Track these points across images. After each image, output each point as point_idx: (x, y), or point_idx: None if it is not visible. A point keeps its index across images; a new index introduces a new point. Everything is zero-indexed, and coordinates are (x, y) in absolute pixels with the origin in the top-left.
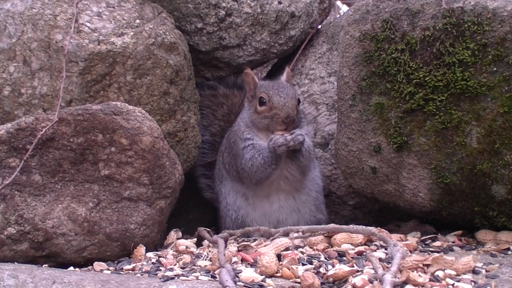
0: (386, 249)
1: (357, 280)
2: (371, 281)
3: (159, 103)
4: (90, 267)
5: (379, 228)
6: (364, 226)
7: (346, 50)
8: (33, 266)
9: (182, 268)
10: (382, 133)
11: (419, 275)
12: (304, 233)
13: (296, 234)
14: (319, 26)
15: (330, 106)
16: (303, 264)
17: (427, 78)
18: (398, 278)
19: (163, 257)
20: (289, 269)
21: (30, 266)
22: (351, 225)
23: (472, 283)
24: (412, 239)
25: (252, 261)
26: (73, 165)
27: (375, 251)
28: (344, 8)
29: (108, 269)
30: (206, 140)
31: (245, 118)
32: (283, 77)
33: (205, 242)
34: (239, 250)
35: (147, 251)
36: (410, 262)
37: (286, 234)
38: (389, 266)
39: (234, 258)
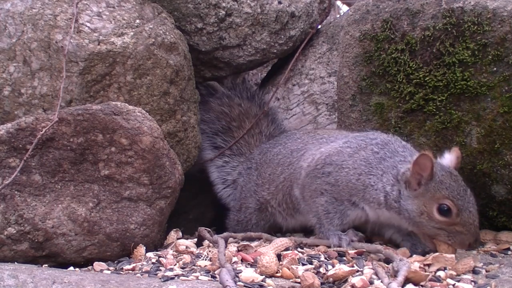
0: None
1: (356, 280)
2: (371, 282)
3: (159, 103)
4: (90, 267)
5: (384, 245)
6: (369, 244)
7: (346, 50)
8: (33, 266)
9: (182, 268)
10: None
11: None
12: (309, 246)
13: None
14: (319, 26)
15: (330, 106)
16: (303, 264)
17: (427, 78)
18: None
19: (163, 257)
20: (289, 269)
21: (30, 266)
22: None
23: (472, 283)
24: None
25: (252, 261)
26: (73, 165)
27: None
28: (344, 8)
29: (108, 269)
30: None
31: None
32: (451, 160)
33: (205, 242)
34: (239, 250)
35: (147, 251)
36: (413, 269)
37: None
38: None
39: (234, 258)
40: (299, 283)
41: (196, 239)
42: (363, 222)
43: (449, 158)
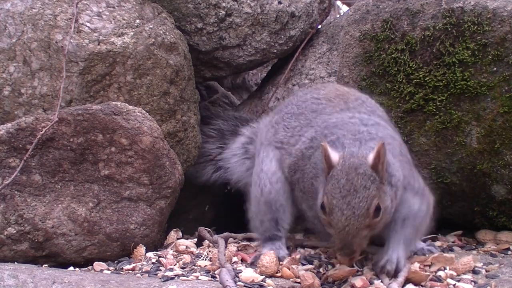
0: None
1: (356, 280)
2: (371, 282)
3: (159, 103)
4: (90, 267)
5: None
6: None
7: (346, 50)
8: (33, 266)
9: (182, 268)
10: None
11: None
12: (314, 248)
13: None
14: (319, 26)
15: None
16: (303, 264)
17: (427, 78)
18: None
19: (163, 257)
20: (289, 269)
21: (30, 266)
22: None
23: (472, 283)
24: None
25: (249, 262)
26: (73, 165)
27: None
28: (344, 8)
29: (108, 269)
30: None
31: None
32: (368, 157)
33: (205, 242)
34: (239, 250)
35: (147, 251)
36: (414, 269)
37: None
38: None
39: (234, 258)
40: (299, 283)
41: (196, 239)
42: None
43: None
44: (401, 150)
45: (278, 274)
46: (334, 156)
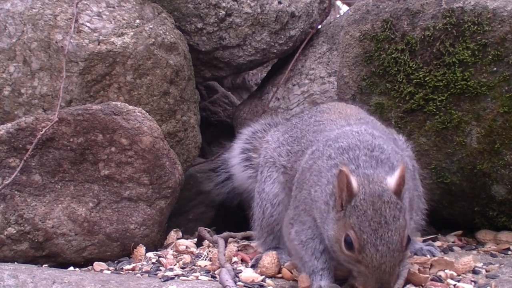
0: None
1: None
2: None
3: (159, 103)
4: (90, 267)
5: None
6: None
7: (346, 50)
8: (33, 266)
9: (182, 268)
10: None
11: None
12: None
13: None
14: (319, 26)
15: None
16: None
17: (427, 78)
18: None
19: (163, 257)
20: (290, 272)
21: (30, 266)
22: None
23: (473, 283)
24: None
25: (249, 263)
26: (73, 165)
27: None
28: (344, 8)
29: (108, 269)
30: None
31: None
32: (392, 181)
33: (205, 242)
34: (239, 250)
35: (147, 251)
36: (413, 271)
37: None
38: None
39: (234, 258)
40: None
41: (196, 239)
42: None
43: (393, 178)
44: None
45: (279, 275)
46: (355, 183)
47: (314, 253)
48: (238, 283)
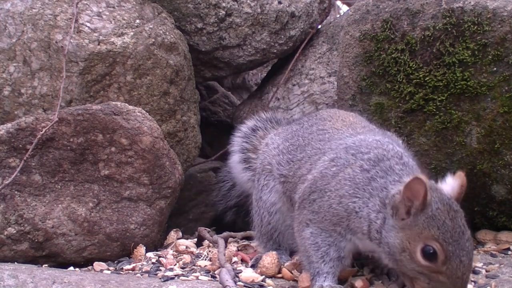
0: None
1: (357, 281)
2: (371, 283)
3: (159, 103)
4: (90, 267)
5: None
6: None
7: (346, 50)
8: (33, 266)
9: (182, 268)
10: None
11: None
12: None
13: None
14: (319, 26)
15: (330, 106)
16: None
17: (427, 78)
18: None
19: (163, 257)
20: (290, 272)
21: (30, 266)
22: None
23: (472, 283)
24: None
25: (250, 263)
26: (73, 165)
27: None
28: (344, 8)
29: (108, 269)
30: None
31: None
32: (453, 188)
33: (205, 242)
34: (239, 250)
35: (147, 251)
36: None
37: None
38: None
39: (234, 258)
40: None
41: (196, 239)
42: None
43: (451, 185)
44: None
45: (279, 275)
46: (429, 192)
47: (324, 257)
48: (238, 283)
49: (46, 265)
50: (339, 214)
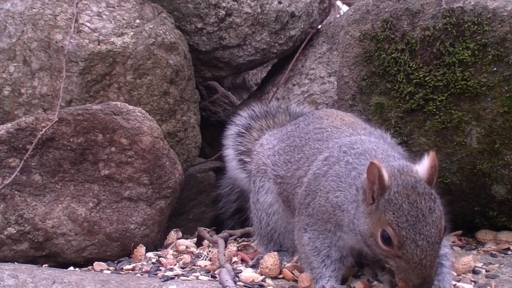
0: None
1: (357, 283)
2: (371, 283)
3: (159, 103)
4: (90, 267)
5: None
6: None
7: (346, 50)
8: (33, 266)
9: (182, 268)
10: None
11: None
12: None
13: None
14: (319, 26)
15: (330, 106)
16: None
17: (427, 78)
18: None
19: (163, 257)
20: (291, 273)
21: (30, 266)
22: None
23: (472, 283)
24: None
25: (250, 263)
26: (73, 165)
27: None
28: (344, 8)
29: (108, 269)
30: None
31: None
32: (424, 170)
33: (205, 242)
34: (238, 250)
35: (147, 251)
36: None
37: None
38: None
39: (234, 258)
40: None
41: (196, 239)
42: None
43: (424, 166)
44: None
45: (280, 276)
46: (386, 174)
47: (325, 261)
48: (238, 283)
49: (46, 265)
50: (327, 211)
